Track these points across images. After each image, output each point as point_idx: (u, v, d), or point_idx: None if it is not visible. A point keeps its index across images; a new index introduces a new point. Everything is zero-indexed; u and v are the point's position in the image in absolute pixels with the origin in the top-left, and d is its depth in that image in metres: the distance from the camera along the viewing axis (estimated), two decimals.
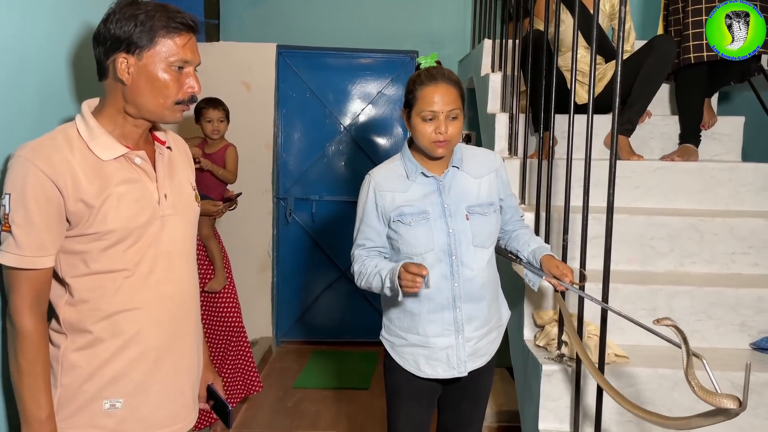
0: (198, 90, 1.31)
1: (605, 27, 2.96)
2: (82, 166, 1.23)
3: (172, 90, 1.28)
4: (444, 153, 1.70)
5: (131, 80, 1.26)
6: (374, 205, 1.76)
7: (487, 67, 3.23)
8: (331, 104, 4.28)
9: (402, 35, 4.30)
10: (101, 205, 1.24)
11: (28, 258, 1.20)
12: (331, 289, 4.36)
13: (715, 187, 2.50)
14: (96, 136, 1.27)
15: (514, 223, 1.90)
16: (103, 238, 1.25)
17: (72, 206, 1.22)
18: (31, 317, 1.22)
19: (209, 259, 2.88)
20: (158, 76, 1.26)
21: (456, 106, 1.67)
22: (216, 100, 2.95)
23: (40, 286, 1.23)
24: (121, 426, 1.30)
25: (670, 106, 3.06)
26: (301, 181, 4.29)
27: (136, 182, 1.30)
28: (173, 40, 1.26)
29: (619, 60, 1.67)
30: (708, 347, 2.08)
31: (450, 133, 1.66)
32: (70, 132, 1.27)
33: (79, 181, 1.22)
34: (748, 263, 2.27)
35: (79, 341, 1.27)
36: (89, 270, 1.26)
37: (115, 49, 1.25)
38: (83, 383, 1.27)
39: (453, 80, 1.70)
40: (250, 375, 3.04)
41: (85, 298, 1.27)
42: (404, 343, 1.79)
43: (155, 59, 1.25)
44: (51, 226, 1.21)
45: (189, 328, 1.41)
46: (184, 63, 1.28)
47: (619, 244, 2.21)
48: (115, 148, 1.28)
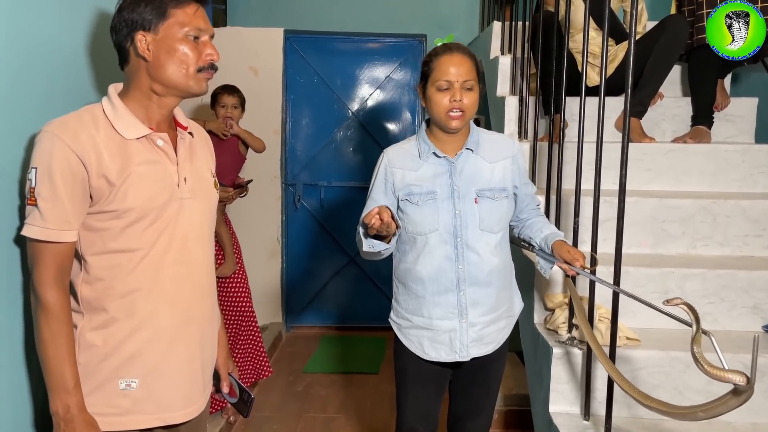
0: (217, 57, 1.35)
1: (616, 9, 2.92)
2: (105, 144, 1.26)
3: (192, 58, 1.31)
4: (459, 126, 1.68)
5: (152, 56, 1.30)
6: (383, 181, 1.77)
7: (497, 49, 3.21)
8: (339, 89, 4.26)
9: (410, 19, 4.27)
10: (122, 183, 1.26)
11: (53, 231, 1.23)
12: (340, 275, 4.37)
13: (728, 170, 2.48)
14: (121, 115, 1.30)
15: (530, 211, 1.89)
16: (122, 216, 1.27)
17: (95, 182, 1.24)
18: (55, 290, 1.24)
19: (219, 244, 2.88)
20: (176, 47, 1.30)
21: (471, 77, 1.66)
22: (232, 87, 2.95)
23: (63, 259, 1.25)
24: (136, 406, 1.32)
25: (682, 88, 3.02)
26: (309, 167, 4.29)
27: (156, 163, 1.32)
28: (183, 10, 1.30)
29: (632, 42, 1.65)
30: (720, 330, 2.07)
31: (465, 103, 1.66)
32: (96, 111, 1.30)
33: (103, 158, 1.25)
34: (761, 246, 2.25)
35: (95, 320, 1.29)
36: (107, 248, 1.28)
37: (132, 30, 1.29)
38: (100, 362, 1.29)
39: (469, 53, 1.70)
40: (260, 360, 3.06)
41: (100, 277, 1.29)
42: (410, 325, 1.80)
43: (171, 31, 1.29)
44: (75, 201, 1.24)
45: (203, 311, 1.42)
46: (199, 31, 1.32)
47: (631, 226, 2.19)
48: (139, 128, 1.31)
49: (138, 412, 1.32)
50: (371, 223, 1.47)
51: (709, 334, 1.23)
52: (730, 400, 1.19)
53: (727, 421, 1.86)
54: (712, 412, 1.22)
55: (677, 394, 1.87)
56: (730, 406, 1.19)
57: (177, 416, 1.37)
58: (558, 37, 2.33)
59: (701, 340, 1.24)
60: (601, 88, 1.78)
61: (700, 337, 1.24)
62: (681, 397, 1.86)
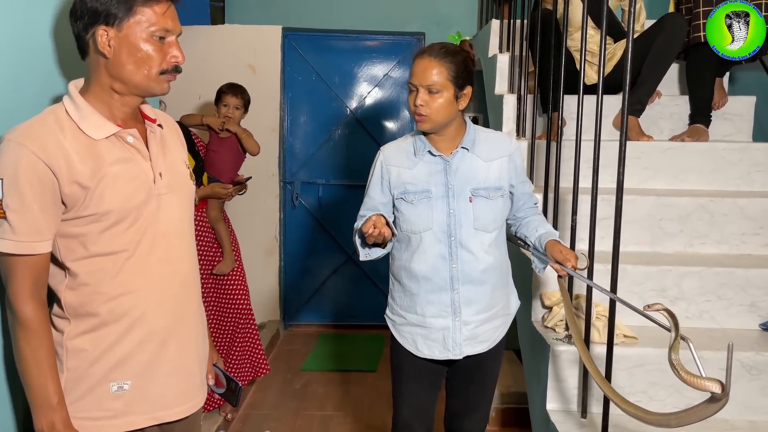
0: (182, 60, 1.28)
1: (614, 7, 2.92)
2: (74, 148, 1.20)
3: (156, 60, 1.25)
4: (427, 128, 1.70)
5: (113, 53, 1.23)
6: (380, 179, 1.78)
7: (495, 47, 3.20)
8: (337, 87, 4.26)
9: (409, 17, 4.26)
10: (96, 186, 1.21)
11: (25, 243, 1.18)
12: (338, 273, 4.37)
13: (726, 168, 2.48)
14: (86, 115, 1.24)
15: (527, 210, 1.88)
16: (101, 219, 1.23)
17: (67, 188, 1.19)
18: (32, 304, 1.20)
19: (217, 241, 2.88)
20: (140, 46, 1.23)
21: (434, 82, 1.65)
22: (238, 88, 2.92)
23: (39, 272, 1.21)
24: (129, 407, 1.30)
25: (679, 86, 3.02)
26: (307, 165, 4.29)
27: (129, 161, 1.27)
28: (152, 8, 1.23)
29: (630, 41, 1.65)
30: (717, 328, 2.07)
31: (425, 107, 1.66)
32: (59, 113, 1.24)
33: (73, 163, 1.19)
34: (759, 244, 2.25)
35: (83, 325, 1.26)
36: (89, 252, 1.24)
37: (94, 23, 1.22)
38: (89, 366, 1.26)
39: (443, 56, 1.66)
40: (257, 357, 3.06)
41: (86, 282, 1.25)
42: (404, 322, 1.80)
43: (136, 29, 1.22)
44: (47, 210, 1.19)
45: (192, 307, 1.41)
46: (166, 32, 1.25)
47: (629, 225, 2.19)
48: (107, 126, 1.25)
49: (131, 414, 1.30)
50: (369, 233, 1.51)
51: (688, 341, 1.22)
52: (705, 409, 1.17)
53: (725, 419, 1.86)
54: (686, 419, 1.21)
55: (674, 392, 1.87)
56: (704, 414, 1.17)
57: (171, 414, 1.36)
58: (556, 35, 2.33)
59: (679, 347, 1.23)
60: (598, 86, 1.78)
61: (678, 344, 1.23)
62: (678, 395, 1.86)
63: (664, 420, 1.26)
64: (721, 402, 1.14)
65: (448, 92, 1.66)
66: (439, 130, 1.72)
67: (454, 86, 1.67)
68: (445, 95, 1.66)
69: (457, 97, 1.69)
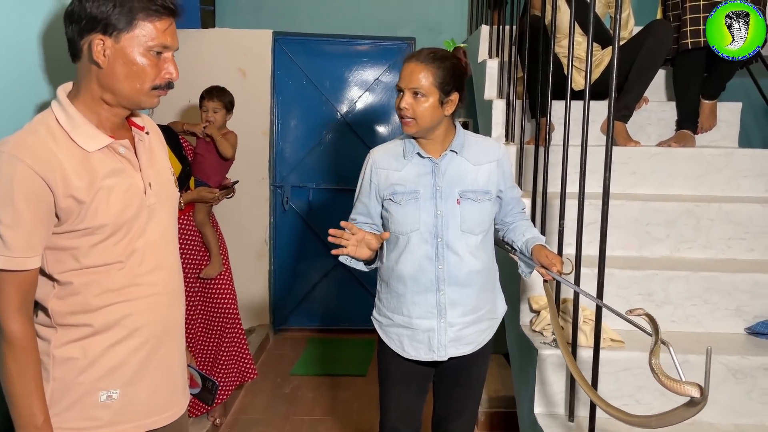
0: (176, 77, 1.26)
1: (602, 14, 2.94)
2: (68, 160, 1.18)
3: (150, 75, 1.22)
4: (412, 132, 1.72)
5: (107, 63, 1.20)
6: (369, 182, 1.79)
7: (485, 53, 3.22)
8: (328, 91, 4.26)
9: (399, 22, 4.28)
10: (92, 201, 1.19)
11: (17, 259, 1.15)
12: (328, 277, 4.36)
13: (712, 173, 2.50)
14: (78, 125, 1.21)
15: (515, 214, 1.90)
16: (95, 233, 1.21)
17: (62, 202, 1.17)
18: (20, 320, 1.17)
19: (205, 245, 2.87)
20: (136, 60, 1.20)
21: (419, 86, 1.66)
22: (215, 90, 2.90)
23: (28, 287, 1.18)
24: (117, 416, 1.28)
25: (667, 92, 3.05)
26: (297, 169, 4.28)
27: (121, 173, 1.25)
28: (153, 24, 1.20)
29: (616, 47, 1.66)
30: (703, 332, 2.09)
31: (411, 111, 1.67)
32: (50, 122, 1.20)
33: (68, 177, 1.17)
34: (744, 248, 2.28)
35: (72, 333, 1.24)
36: (80, 265, 1.22)
37: (91, 30, 1.18)
38: (77, 375, 1.24)
39: (433, 61, 1.68)
40: (245, 362, 3.04)
41: (76, 291, 1.23)
42: (390, 323, 1.81)
43: (133, 43, 1.19)
44: (40, 225, 1.16)
45: (179, 314, 1.41)
46: (164, 48, 1.23)
47: (616, 229, 2.21)
48: (99, 138, 1.23)
49: (118, 423, 1.28)
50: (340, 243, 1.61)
51: (668, 345, 1.24)
52: (684, 411, 1.21)
53: (710, 423, 1.88)
54: (666, 421, 1.24)
55: (660, 395, 1.88)
56: (684, 416, 1.20)
57: (158, 420, 1.34)
58: (545, 41, 2.35)
59: (660, 352, 1.25)
60: (585, 92, 1.80)
61: (659, 349, 1.25)
62: (664, 398, 1.87)
63: (645, 421, 1.29)
64: (700, 405, 1.16)
65: (433, 97, 1.68)
66: (425, 134, 1.73)
67: (440, 92, 1.68)
68: (430, 100, 1.68)
69: (442, 103, 1.69)
